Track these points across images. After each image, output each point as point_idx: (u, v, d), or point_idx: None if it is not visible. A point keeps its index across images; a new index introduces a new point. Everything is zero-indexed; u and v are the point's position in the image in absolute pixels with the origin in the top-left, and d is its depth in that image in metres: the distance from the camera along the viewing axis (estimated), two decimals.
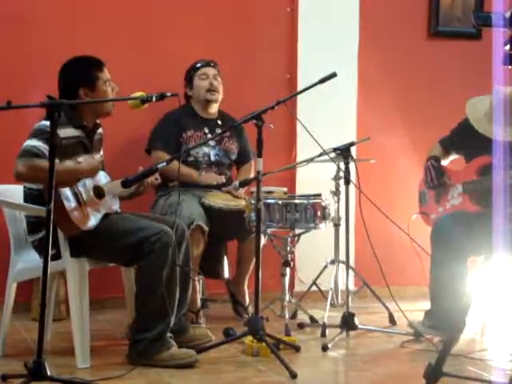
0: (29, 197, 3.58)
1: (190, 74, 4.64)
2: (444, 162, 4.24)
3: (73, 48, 4.62)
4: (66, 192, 3.40)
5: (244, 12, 5.12)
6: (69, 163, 3.47)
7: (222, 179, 4.52)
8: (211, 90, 4.58)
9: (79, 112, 3.62)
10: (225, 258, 4.66)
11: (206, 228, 4.24)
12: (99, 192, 3.58)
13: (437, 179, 4.14)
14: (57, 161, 3.36)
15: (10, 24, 4.68)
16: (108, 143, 3.91)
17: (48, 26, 4.74)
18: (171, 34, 4.95)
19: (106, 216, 3.58)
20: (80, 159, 3.54)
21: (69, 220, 3.40)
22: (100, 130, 3.78)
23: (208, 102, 4.61)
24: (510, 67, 2.29)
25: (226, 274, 4.65)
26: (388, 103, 5.36)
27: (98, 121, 3.73)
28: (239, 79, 4.96)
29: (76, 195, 3.45)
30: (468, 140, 4.12)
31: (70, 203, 3.40)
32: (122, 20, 4.88)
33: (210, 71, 4.61)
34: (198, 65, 4.63)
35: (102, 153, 3.81)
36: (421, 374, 2.55)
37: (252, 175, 4.47)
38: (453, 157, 4.29)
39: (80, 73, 3.64)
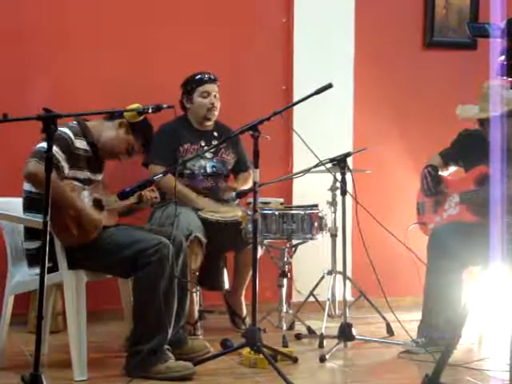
0: (28, 202, 3.58)
1: (191, 87, 4.59)
2: (444, 173, 4.24)
3: (70, 60, 4.68)
4: None
5: (240, 23, 5.13)
6: (75, 195, 3.48)
7: (218, 209, 4.47)
8: (211, 109, 4.58)
9: (92, 131, 3.68)
10: (224, 269, 4.65)
11: (204, 240, 4.24)
12: (98, 204, 3.58)
13: (433, 187, 4.14)
14: (66, 166, 3.40)
15: (9, 35, 4.69)
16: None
17: (45, 39, 4.75)
18: (167, 45, 4.95)
19: (103, 228, 3.58)
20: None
21: (68, 231, 3.40)
22: None
23: (206, 120, 4.61)
24: (504, 78, 2.29)
25: (226, 286, 4.65)
26: (384, 113, 5.37)
27: None
28: (235, 90, 4.96)
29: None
30: (467, 150, 4.13)
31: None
32: (118, 32, 4.88)
33: (213, 88, 4.59)
34: (200, 79, 4.58)
35: (103, 173, 3.82)
36: None
37: (249, 184, 4.47)
38: (452, 168, 4.29)
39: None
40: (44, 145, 3.39)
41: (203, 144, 4.59)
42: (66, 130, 3.51)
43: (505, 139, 3.88)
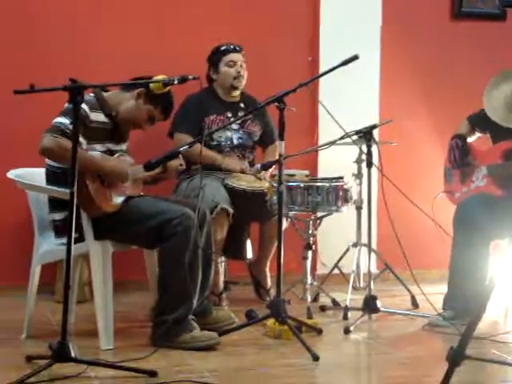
0: (51, 175, 3.60)
1: (217, 58, 4.59)
2: (470, 139, 4.20)
3: (97, 31, 4.69)
4: None
5: None
6: (97, 156, 3.49)
7: (246, 164, 4.50)
8: (237, 77, 4.57)
9: (109, 102, 3.66)
10: (248, 239, 4.67)
11: (231, 210, 4.25)
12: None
13: (460, 159, 4.11)
14: (84, 141, 3.41)
15: (33, 8, 4.71)
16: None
17: (70, 12, 4.76)
18: (194, 18, 4.94)
19: (128, 199, 3.60)
20: (112, 159, 3.57)
21: (92, 202, 3.42)
22: None
23: (233, 89, 4.60)
24: None
25: (249, 255, 4.67)
26: (410, 86, 5.32)
27: None
28: (262, 62, 4.93)
29: (100, 177, 3.47)
30: (495, 123, 4.09)
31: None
32: (145, 4, 4.88)
33: (238, 58, 4.58)
34: (226, 49, 4.59)
35: (127, 143, 3.82)
36: (443, 357, 2.55)
37: (277, 156, 4.46)
38: (479, 134, 4.25)
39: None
40: (60, 119, 3.43)
41: (230, 115, 4.58)
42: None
43: None
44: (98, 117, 3.59)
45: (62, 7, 4.76)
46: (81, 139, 3.40)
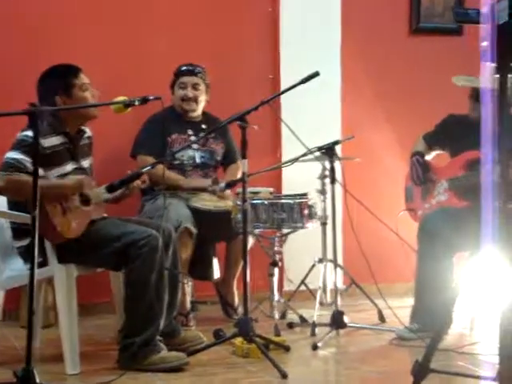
0: (12, 203, 3.57)
1: (174, 79, 4.64)
2: (427, 157, 4.26)
3: (52, 53, 4.65)
4: None
5: (226, 12, 5.12)
6: (52, 179, 3.46)
7: (208, 182, 4.50)
8: (185, 100, 4.58)
9: (61, 119, 3.62)
10: (214, 259, 4.66)
11: (194, 230, 4.24)
12: (85, 198, 3.57)
13: (423, 175, 4.16)
14: (41, 173, 3.37)
15: None
16: (94, 148, 3.89)
17: (30, 31, 4.73)
18: (154, 34, 4.95)
19: (92, 222, 3.57)
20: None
21: (54, 230, 3.39)
22: (87, 134, 3.79)
23: (184, 111, 4.60)
24: (488, 63, 2.30)
25: (217, 276, 4.66)
26: (372, 100, 5.37)
27: (82, 127, 3.73)
28: (222, 80, 4.95)
29: (60, 204, 3.44)
30: (453, 136, 4.14)
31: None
32: (104, 22, 4.87)
33: (190, 80, 4.58)
34: (179, 71, 4.61)
35: (91, 158, 3.80)
36: (409, 370, 2.56)
37: (239, 175, 4.47)
38: (436, 152, 4.31)
39: (55, 82, 3.62)
40: (11, 155, 3.39)
41: (191, 133, 4.59)
42: (29, 132, 3.34)
43: (493, 122, 3.88)
44: (52, 141, 3.54)
45: (17, 28, 4.72)
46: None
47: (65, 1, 4.83)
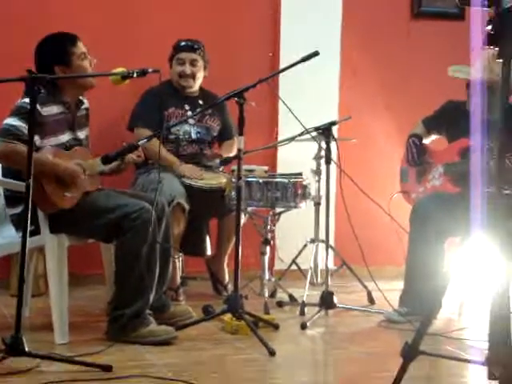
0: (6, 170, 3.55)
1: (172, 54, 4.61)
2: (425, 141, 4.26)
3: (51, 23, 4.61)
4: None
5: None
6: (48, 156, 3.43)
7: (201, 175, 4.43)
8: (183, 76, 4.55)
9: (60, 88, 3.60)
10: (207, 236, 4.66)
11: (187, 206, 4.23)
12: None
13: (418, 157, 4.16)
14: (37, 138, 3.35)
15: None
16: (90, 119, 3.87)
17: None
18: (155, 9, 4.92)
19: (86, 193, 3.56)
20: (66, 154, 3.51)
21: (48, 200, 3.38)
22: (85, 105, 3.77)
23: (182, 87, 4.58)
24: (491, 47, 2.29)
25: (209, 252, 4.66)
26: (370, 83, 5.36)
27: (81, 97, 3.71)
28: (222, 56, 4.92)
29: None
30: (451, 122, 4.14)
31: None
32: None
33: (188, 56, 4.55)
34: (178, 47, 4.58)
35: (87, 129, 3.79)
36: (398, 352, 2.57)
37: (234, 152, 4.46)
38: (434, 137, 4.31)
39: (53, 51, 3.60)
40: (10, 121, 3.36)
41: (187, 108, 4.57)
42: (28, 100, 3.22)
43: (486, 110, 3.89)
44: (51, 110, 3.52)
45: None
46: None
47: None
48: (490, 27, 2.27)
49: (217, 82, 4.65)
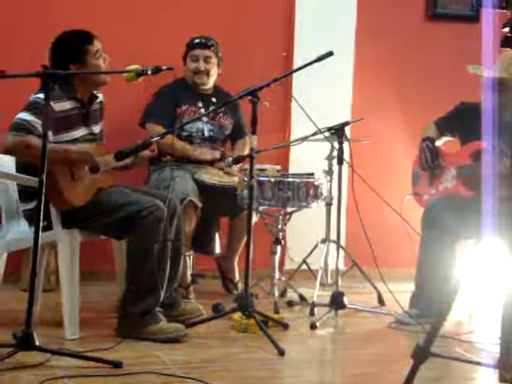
0: (21, 166, 3.56)
1: (186, 51, 4.62)
2: (438, 143, 4.25)
3: (65, 21, 4.62)
4: None
5: None
6: (61, 144, 3.44)
7: (217, 155, 4.50)
8: (197, 72, 4.56)
9: (73, 85, 3.60)
10: (216, 234, 4.67)
11: (199, 204, 4.24)
12: (93, 166, 3.56)
13: (431, 161, 4.14)
14: (51, 136, 3.36)
15: None
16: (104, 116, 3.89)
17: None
18: (169, 7, 4.93)
19: (99, 190, 3.57)
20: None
21: (62, 196, 3.40)
22: (99, 100, 3.77)
23: (196, 84, 4.59)
24: (508, 49, 2.29)
25: (218, 250, 4.67)
26: (384, 85, 5.35)
27: (94, 92, 3.72)
28: (236, 55, 4.93)
29: (70, 170, 3.44)
30: (464, 123, 4.13)
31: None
32: None
33: (202, 53, 4.57)
34: (192, 44, 4.60)
35: (101, 123, 3.80)
36: (408, 354, 2.57)
37: (246, 151, 4.47)
38: (446, 138, 4.29)
39: (68, 49, 3.60)
40: (23, 116, 3.37)
41: (201, 105, 4.58)
42: (41, 95, 3.27)
43: (499, 112, 3.88)
44: (64, 106, 3.53)
45: None
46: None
47: None
48: (506, 29, 2.26)
49: (230, 81, 4.66)
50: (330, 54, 3.55)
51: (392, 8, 5.37)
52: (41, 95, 3.29)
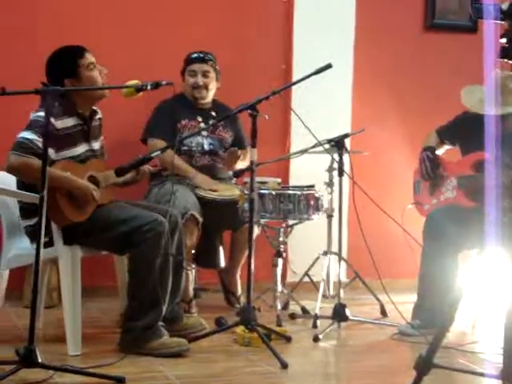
0: (22, 182, 3.57)
1: (184, 67, 4.63)
2: (439, 152, 4.25)
3: (64, 37, 4.63)
4: None
5: (240, 1, 5.11)
6: (63, 173, 3.44)
7: (216, 186, 4.45)
8: (196, 87, 4.57)
9: (73, 101, 3.61)
10: (220, 248, 4.66)
11: (200, 218, 4.24)
12: (94, 181, 3.57)
13: (432, 171, 4.14)
14: (52, 151, 3.36)
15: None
16: (103, 131, 3.89)
17: (41, 12, 4.73)
18: (167, 21, 4.94)
19: (99, 205, 3.57)
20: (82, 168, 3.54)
21: (61, 213, 3.40)
22: (98, 116, 3.78)
23: (195, 99, 4.60)
24: (505, 61, 2.29)
25: (222, 264, 4.66)
26: (383, 96, 5.36)
27: (94, 107, 3.72)
28: (235, 68, 4.94)
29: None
30: (465, 133, 4.13)
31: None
32: (117, 6, 4.86)
33: (200, 67, 4.57)
34: (189, 59, 4.60)
35: (101, 139, 3.80)
36: (411, 365, 2.56)
37: (247, 163, 4.47)
38: (447, 147, 4.30)
39: (61, 64, 3.61)
40: (25, 135, 3.38)
41: (200, 120, 4.58)
42: (42, 113, 3.28)
43: (500, 123, 3.88)
44: (67, 123, 3.55)
45: (25, 9, 4.71)
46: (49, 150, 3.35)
47: None
48: (504, 40, 2.27)
49: (229, 94, 4.66)
50: (329, 66, 3.56)
51: (391, 19, 5.38)
52: (41, 113, 3.29)
